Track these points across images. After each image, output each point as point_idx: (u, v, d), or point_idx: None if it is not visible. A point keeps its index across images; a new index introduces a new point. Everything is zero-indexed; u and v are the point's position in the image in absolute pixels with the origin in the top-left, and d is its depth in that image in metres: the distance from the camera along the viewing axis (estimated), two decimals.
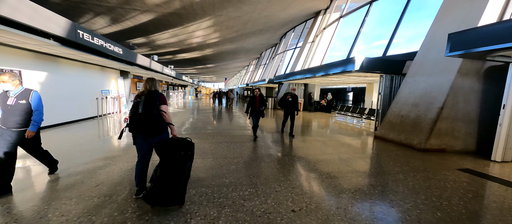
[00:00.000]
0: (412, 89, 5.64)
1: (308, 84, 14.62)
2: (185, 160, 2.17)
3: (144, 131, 2.18)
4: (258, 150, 4.56)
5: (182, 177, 2.13)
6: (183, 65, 36.13)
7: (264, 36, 20.33)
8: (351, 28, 14.92)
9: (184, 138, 2.29)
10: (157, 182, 2.05)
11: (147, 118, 2.15)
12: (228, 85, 58.05)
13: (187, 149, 2.21)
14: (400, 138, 5.36)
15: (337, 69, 7.18)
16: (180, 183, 2.11)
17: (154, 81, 2.37)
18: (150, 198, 2.01)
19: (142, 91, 2.29)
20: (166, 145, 2.18)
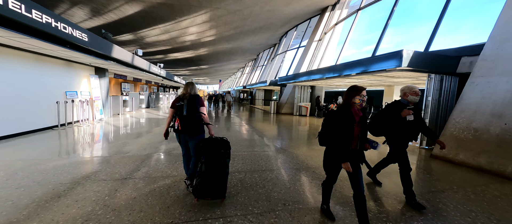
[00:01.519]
0: (487, 93, 4.12)
1: (315, 87, 13.08)
2: (225, 157, 2.33)
3: (188, 131, 2.38)
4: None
5: (224, 172, 2.28)
6: (175, 66, 34.01)
7: (263, 35, 18.73)
8: (342, 33, 14.23)
9: (221, 138, 2.42)
10: (204, 177, 2.20)
11: (190, 120, 2.36)
12: (223, 87, 56.10)
13: (226, 148, 2.38)
14: (479, 162, 3.79)
15: (375, 66, 5.60)
16: (223, 177, 2.28)
17: (194, 85, 2.51)
18: (200, 192, 2.19)
19: (184, 94, 2.48)
20: (208, 144, 2.32)
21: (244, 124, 8.51)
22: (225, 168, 2.31)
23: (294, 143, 5.48)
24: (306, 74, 9.68)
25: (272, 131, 7.18)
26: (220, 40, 19.42)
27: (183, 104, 2.36)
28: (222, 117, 10.81)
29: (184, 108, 2.34)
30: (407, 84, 2.62)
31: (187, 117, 2.33)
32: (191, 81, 2.55)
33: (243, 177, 3.04)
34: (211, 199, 2.26)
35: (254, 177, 3.08)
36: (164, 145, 4.68)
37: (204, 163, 2.25)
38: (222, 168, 2.28)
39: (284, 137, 6.34)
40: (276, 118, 11.34)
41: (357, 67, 6.29)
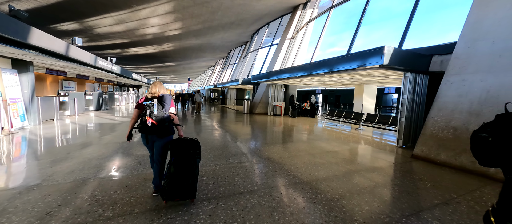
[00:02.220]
0: (462, 92, 4.10)
1: (289, 86, 12.79)
2: (195, 158, 2.28)
3: (157, 131, 2.25)
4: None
5: (193, 173, 2.23)
6: (137, 62, 30.54)
7: (234, 32, 17.80)
8: (314, 33, 14.67)
9: (191, 138, 2.37)
10: (172, 178, 2.14)
11: (161, 120, 2.23)
12: (192, 86, 53.07)
13: (196, 148, 2.33)
14: (462, 162, 3.70)
15: (354, 64, 5.30)
16: (193, 178, 2.23)
17: (162, 84, 2.43)
18: (168, 193, 2.13)
19: (152, 94, 2.33)
20: (178, 145, 2.26)
21: (216, 127, 7.56)
22: (195, 169, 2.28)
23: (275, 148, 4.83)
24: (282, 72, 9.18)
25: (248, 135, 6.43)
26: (187, 35, 17.78)
27: (152, 103, 2.26)
28: (191, 119, 9.61)
29: (153, 108, 2.24)
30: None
31: (157, 118, 2.24)
32: (158, 81, 2.49)
33: (214, 209, 2.21)
34: (180, 200, 2.24)
35: (229, 206, 2.28)
36: (112, 162, 3.50)
37: (173, 165, 2.19)
38: (192, 168, 2.24)
39: (262, 141, 5.65)
40: (250, 118, 10.64)
41: (337, 64, 5.97)
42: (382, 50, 4.50)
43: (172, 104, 2.45)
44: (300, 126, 8.47)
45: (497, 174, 3.27)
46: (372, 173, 3.44)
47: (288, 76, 8.61)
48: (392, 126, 6.83)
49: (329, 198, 2.53)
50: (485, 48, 4.02)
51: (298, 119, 10.72)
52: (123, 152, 4.11)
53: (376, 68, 5.02)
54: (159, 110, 2.25)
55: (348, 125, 8.98)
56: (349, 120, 8.48)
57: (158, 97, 2.30)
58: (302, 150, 4.69)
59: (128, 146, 4.54)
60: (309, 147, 5.07)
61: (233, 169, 3.38)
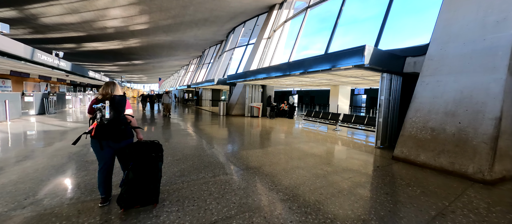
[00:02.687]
0: (438, 93, 4.14)
1: (266, 86, 12.45)
2: (156, 161, 2.18)
3: (112, 136, 2.10)
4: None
5: (156, 177, 2.16)
6: (97, 59, 27.26)
7: (209, 29, 16.89)
8: (290, 33, 14.89)
9: (152, 141, 2.26)
10: (131, 185, 2.04)
11: (115, 123, 2.08)
12: (164, 86, 49.77)
13: (158, 151, 2.21)
14: (441, 163, 3.67)
15: (333, 63, 5.09)
16: (155, 183, 2.15)
17: (116, 84, 2.27)
18: (127, 201, 2.03)
19: (104, 95, 2.17)
20: (136, 148, 2.14)
21: (188, 131, 6.76)
22: (158, 172, 2.19)
23: (254, 155, 4.32)
24: (259, 72, 8.75)
25: (223, 139, 5.81)
26: (156, 30, 16.27)
27: (104, 106, 2.06)
28: (160, 123, 8.56)
29: (105, 110, 2.05)
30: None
31: (110, 121, 2.05)
32: (112, 80, 2.34)
33: None
34: (141, 206, 2.14)
35: None
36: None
37: (131, 170, 2.05)
38: (154, 172, 2.15)
39: (240, 146, 5.10)
40: (227, 120, 9.98)
41: (316, 64, 5.73)
42: (363, 50, 4.34)
43: (129, 105, 2.27)
44: (279, 128, 8.14)
45: (475, 174, 3.27)
46: (359, 179, 3.16)
47: (265, 76, 8.21)
48: (367, 126, 6.90)
49: (321, 219, 2.11)
50: (456, 50, 4.11)
51: (276, 121, 10.43)
52: (64, 172, 3.16)
53: (356, 69, 4.89)
54: (113, 113, 2.06)
55: (325, 125, 8.97)
56: (327, 121, 8.44)
57: (110, 99, 2.10)
58: (282, 154, 4.28)
59: (72, 161, 3.56)
60: (290, 150, 4.69)
61: (205, 187, 2.77)
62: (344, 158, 4.34)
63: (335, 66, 5.15)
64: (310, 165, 3.76)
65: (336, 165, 3.86)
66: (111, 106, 2.07)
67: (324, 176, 3.28)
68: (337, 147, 5.43)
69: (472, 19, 4.05)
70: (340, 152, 4.94)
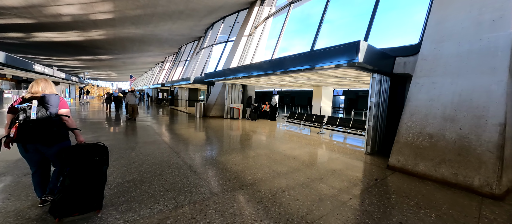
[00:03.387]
0: (434, 95, 3.79)
1: (247, 86, 11.68)
2: (101, 165, 2.05)
3: (40, 139, 1.91)
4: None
5: (100, 182, 2.05)
6: (53, 52, 23.77)
7: (185, 24, 15.54)
8: (272, 30, 14.44)
9: (96, 143, 2.11)
10: (67, 192, 1.87)
11: (44, 125, 1.90)
12: (137, 85, 45.97)
13: (102, 154, 2.08)
14: (443, 174, 3.28)
15: (322, 61, 4.52)
16: (98, 188, 2.04)
17: (48, 82, 2.10)
18: (62, 209, 1.87)
19: (32, 94, 2.00)
20: (74, 152, 1.95)
21: (156, 138, 5.66)
22: (102, 176, 2.05)
23: (238, 171, 3.51)
24: (239, 70, 7.93)
25: (198, 148, 4.89)
26: (123, 22, 14.43)
27: (29, 106, 1.88)
28: (123, 129, 7.24)
29: (33, 110, 1.86)
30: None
31: (38, 122, 1.87)
32: (44, 78, 2.14)
33: None
34: (80, 214, 1.98)
35: None
36: None
37: (68, 176, 1.88)
38: (97, 177, 2.01)
39: (218, 157, 4.25)
40: (204, 123, 8.97)
41: (303, 63, 5.12)
42: (357, 46, 3.82)
43: (64, 105, 2.09)
44: (262, 131, 7.43)
45: (482, 188, 2.91)
46: (358, 199, 2.57)
47: (246, 74, 7.44)
48: (353, 129, 6.55)
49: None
50: (452, 49, 3.81)
51: (258, 123, 9.72)
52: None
53: (347, 68, 4.38)
54: (41, 113, 1.89)
55: (308, 128, 8.52)
56: (310, 123, 7.98)
57: (39, 98, 1.94)
58: (266, 167, 3.56)
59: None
60: (275, 160, 3.99)
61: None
62: (336, 169, 3.77)
63: (323, 64, 4.59)
64: (299, 182, 3.08)
65: (329, 179, 3.24)
66: (41, 106, 1.91)
67: (318, 197, 2.62)
68: (324, 154, 4.89)
69: (466, 18, 3.77)
70: (330, 160, 4.38)
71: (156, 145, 4.88)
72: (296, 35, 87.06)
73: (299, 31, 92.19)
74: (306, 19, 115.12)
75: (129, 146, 4.67)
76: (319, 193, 2.75)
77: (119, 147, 4.59)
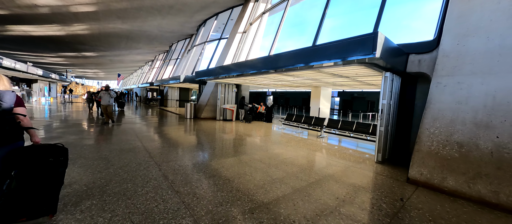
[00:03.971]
0: (461, 97, 3.25)
1: (241, 86, 10.96)
2: (57, 167, 1.91)
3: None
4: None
5: (54, 185, 1.90)
6: (33, 47, 22.07)
7: (175, 20, 14.63)
8: (268, 27, 13.76)
9: (54, 144, 1.98)
10: (13, 196, 1.74)
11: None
12: (126, 84, 44.13)
13: (59, 155, 1.94)
14: (479, 191, 2.72)
15: (337, 58, 3.89)
16: (52, 191, 1.89)
17: (1, 78, 1.93)
18: (4, 215, 1.70)
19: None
20: (24, 153, 1.82)
21: (135, 144, 4.85)
22: (57, 179, 1.91)
23: (233, 189, 2.81)
24: (233, 69, 7.22)
25: (189, 156, 4.14)
26: (107, 15, 13.35)
27: None
28: (97, 133, 6.33)
29: None
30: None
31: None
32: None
33: None
34: (28, 219, 1.81)
35: None
36: None
37: (15, 178, 1.76)
38: (51, 179, 1.87)
39: (211, 174, 3.53)
40: (194, 125, 8.18)
41: (306, 59, 4.49)
42: (375, 39, 3.23)
43: (20, 103, 1.94)
44: (257, 134, 6.75)
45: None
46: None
47: (240, 73, 6.74)
48: (356, 133, 6.00)
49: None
50: (480, 45, 3.29)
51: (253, 125, 9.03)
52: None
53: (357, 65, 3.79)
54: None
55: (306, 130, 7.93)
56: (310, 126, 7.38)
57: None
58: (268, 184, 2.88)
59: None
60: (280, 175, 3.32)
61: None
62: (348, 183, 3.15)
63: (329, 61, 3.98)
64: (311, 209, 2.43)
65: (345, 205, 2.61)
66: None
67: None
68: (331, 162, 4.27)
69: (494, 9, 3.27)
70: (340, 172, 3.76)
71: (134, 154, 4.08)
72: (289, 38, 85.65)
73: (293, 35, 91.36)
74: (300, 24, 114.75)
75: (100, 156, 3.85)
76: (334, 214, 2.10)
77: (86, 157, 3.77)
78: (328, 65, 4.08)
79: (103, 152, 4.08)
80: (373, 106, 19.10)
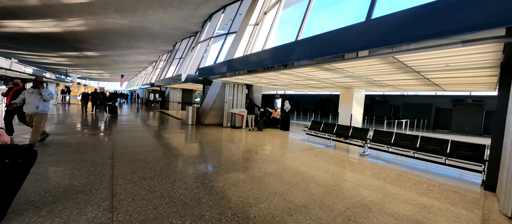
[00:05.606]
0: None
1: (252, 86, 9.23)
2: (13, 170, 1.78)
3: None
4: None
5: (6, 187, 1.76)
6: (33, 46, 21.02)
7: (178, 14, 13.11)
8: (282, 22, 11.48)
9: (20, 146, 1.95)
10: None
11: None
12: (131, 86, 43.22)
13: (19, 157, 1.82)
14: None
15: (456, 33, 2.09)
16: (1, 194, 1.74)
17: None
18: None
19: None
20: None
21: (108, 170, 3.15)
22: (11, 182, 1.78)
23: None
24: (251, 61, 5.48)
25: (181, 185, 2.40)
26: (103, 8, 11.93)
27: None
28: (78, 138, 4.66)
29: None
30: None
31: None
32: None
33: None
34: None
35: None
36: None
37: None
38: (4, 181, 1.75)
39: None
40: (196, 134, 6.49)
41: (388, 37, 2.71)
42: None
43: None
44: (275, 149, 4.97)
45: None
46: None
47: (255, 67, 4.98)
48: (427, 154, 4.15)
49: None
50: None
51: (266, 134, 7.26)
52: None
53: (493, 40, 1.99)
54: None
55: (339, 143, 6.09)
56: (346, 139, 5.55)
57: None
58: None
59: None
60: None
61: None
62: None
63: (442, 37, 2.18)
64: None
65: None
66: None
67: None
68: (415, 201, 2.44)
69: None
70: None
71: (88, 194, 2.35)
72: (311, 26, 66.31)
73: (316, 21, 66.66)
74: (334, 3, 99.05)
75: (27, 200, 2.14)
76: None
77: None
78: (438, 44, 2.27)
79: (29, 197, 2.36)
80: (397, 111, 17.01)
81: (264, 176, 3.24)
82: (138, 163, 3.53)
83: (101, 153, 3.97)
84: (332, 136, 5.85)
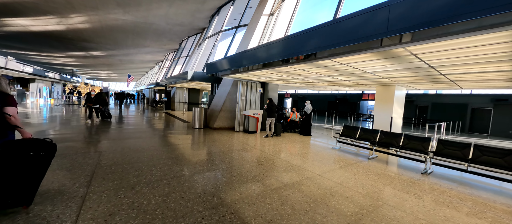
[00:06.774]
0: None
1: (267, 85, 8.06)
2: (36, 161, 1.92)
3: None
4: None
5: (32, 177, 1.91)
6: (39, 46, 20.66)
7: (185, 7, 12.10)
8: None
9: (41, 139, 2.02)
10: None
11: None
12: (139, 86, 42.98)
13: (42, 150, 1.96)
14: None
15: None
16: (28, 183, 1.91)
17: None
18: None
19: None
20: (5, 147, 1.85)
21: (80, 188, 2.11)
22: (34, 172, 1.91)
23: None
24: (285, 44, 4.33)
25: None
26: (105, 1, 11.08)
27: None
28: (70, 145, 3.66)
29: None
30: None
31: None
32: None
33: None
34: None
35: None
36: None
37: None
38: (30, 172, 1.89)
39: None
40: (203, 141, 5.41)
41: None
42: None
43: (12, 102, 2.04)
44: (307, 164, 3.80)
45: None
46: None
47: (284, 57, 3.80)
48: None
49: None
50: None
51: (285, 140, 6.09)
52: None
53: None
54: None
55: (381, 154, 4.82)
56: (398, 150, 4.28)
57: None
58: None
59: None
60: None
61: None
62: None
63: None
64: None
65: None
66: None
67: None
68: None
69: None
70: None
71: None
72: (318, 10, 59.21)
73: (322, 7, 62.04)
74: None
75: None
76: None
77: None
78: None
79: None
80: (424, 112, 15.37)
81: (311, 211, 2.07)
82: (123, 193, 2.45)
83: (78, 174, 2.92)
84: (374, 146, 4.60)
